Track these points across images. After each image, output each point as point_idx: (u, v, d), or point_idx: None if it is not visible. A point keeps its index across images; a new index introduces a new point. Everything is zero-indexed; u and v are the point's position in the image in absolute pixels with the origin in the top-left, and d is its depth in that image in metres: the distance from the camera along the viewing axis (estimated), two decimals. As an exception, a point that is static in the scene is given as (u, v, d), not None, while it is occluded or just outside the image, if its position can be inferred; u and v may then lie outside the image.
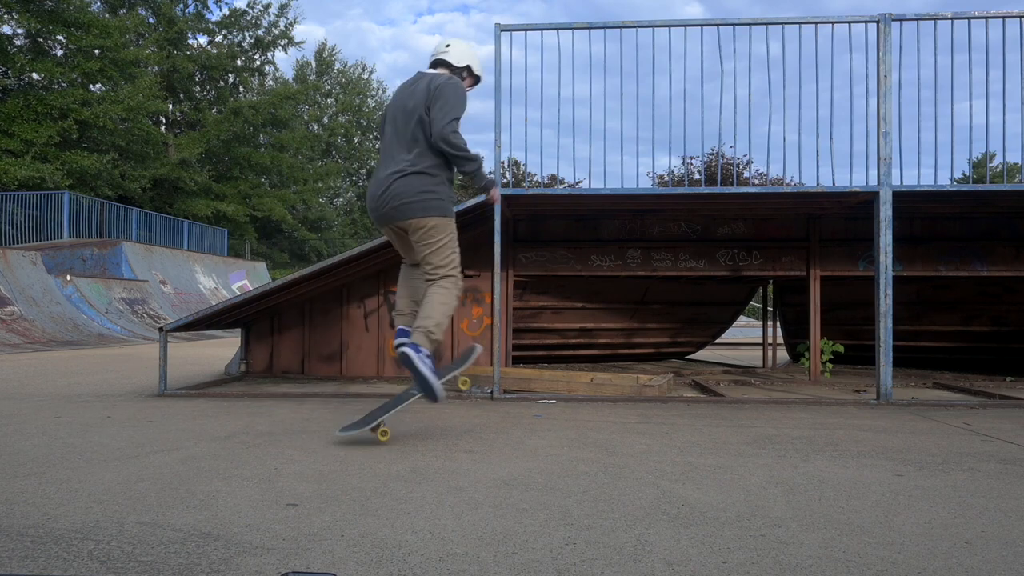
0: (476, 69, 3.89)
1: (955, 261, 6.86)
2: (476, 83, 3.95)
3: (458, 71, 3.82)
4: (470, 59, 3.84)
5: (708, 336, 10.22)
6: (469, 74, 3.87)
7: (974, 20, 5.26)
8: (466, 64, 3.83)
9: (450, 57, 3.81)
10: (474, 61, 3.87)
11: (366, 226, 38.18)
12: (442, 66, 3.83)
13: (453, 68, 3.81)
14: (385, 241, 6.05)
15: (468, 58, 3.83)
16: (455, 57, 3.81)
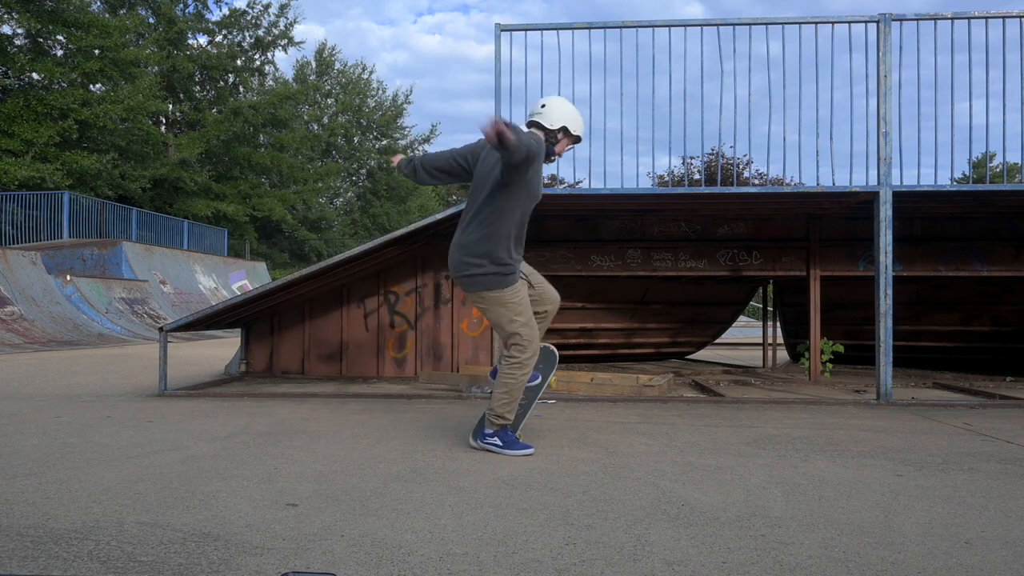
0: (574, 129, 3.55)
1: (955, 261, 6.86)
2: (575, 143, 3.63)
3: (552, 133, 3.51)
4: (565, 119, 3.52)
5: (708, 336, 10.22)
6: (565, 135, 3.54)
7: (974, 20, 5.26)
8: (561, 125, 3.51)
9: (543, 119, 3.51)
10: (571, 120, 3.54)
11: (366, 226, 38.16)
12: (534, 127, 3.53)
13: (547, 130, 3.51)
14: (385, 241, 6.06)
15: (563, 118, 3.51)
16: (548, 118, 3.51)
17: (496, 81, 5.49)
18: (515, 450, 3.41)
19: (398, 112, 40.48)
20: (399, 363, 7.06)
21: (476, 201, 3.47)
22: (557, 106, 3.54)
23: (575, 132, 3.57)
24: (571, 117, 3.54)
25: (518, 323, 3.44)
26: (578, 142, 3.65)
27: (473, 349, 7.01)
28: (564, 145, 3.59)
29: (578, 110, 3.59)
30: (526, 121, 3.60)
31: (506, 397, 3.44)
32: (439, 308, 7.04)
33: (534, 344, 3.48)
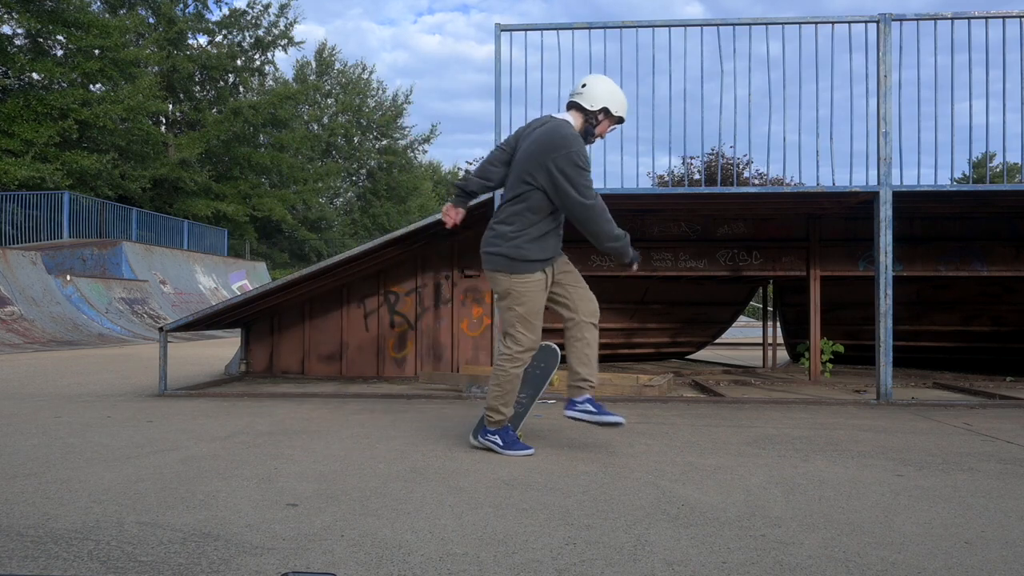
0: (616, 109, 3.41)
1: (955, 261, 6.86)
2: (618, 123, 3.51)
3: (592, 114, 3.39)
4: (606, 99, 3.38)
5: (708, 336, 10.22)
6: (607, 116, 3.41)
7: (974, 20, 5.26)
8: (602, 106, 3.38)
9: (583, 99, 3.38)
10: (612, 100, 3.39)
11: (366, 226, 38.16)
12: (574, 108, 3.41)
13: (587, 111, 3.39)
14: (385, 241, 6.06)
15: (604, 98, 3.38)
16: (588, 98, 3.37)
17: (496, 81, 5.49)
18: (515, 450, 3.39)
19: (398, 112, 40.48)
20: (399, 363, 7.06)
21: (511, 188, 3.42)
22: (598, 86, 3.40)
23: (617, 113, 3.43)
24: (613, 97, 3.40)
25: (515, 314, 3.37)
26: (621, 123, 3.52)
27: (473, 349, 7.01)
28: (605, 127, 3.45)
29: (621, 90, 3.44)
30: (567, 102, 3.49)
31: (497, 390, 3.40)
32: (439, 308, 7.04)
33: (528, 341, 3.39)
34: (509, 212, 3.35)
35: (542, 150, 3.28)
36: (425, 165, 46.10)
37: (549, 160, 3.25)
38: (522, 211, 3.32)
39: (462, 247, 7.02)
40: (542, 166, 3.26)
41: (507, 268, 3.34)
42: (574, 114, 3.42)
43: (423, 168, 45.03)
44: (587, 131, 3.43)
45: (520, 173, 3.35)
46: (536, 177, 3.28)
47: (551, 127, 3.34)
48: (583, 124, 3.41)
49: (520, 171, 3.36)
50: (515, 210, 3.34)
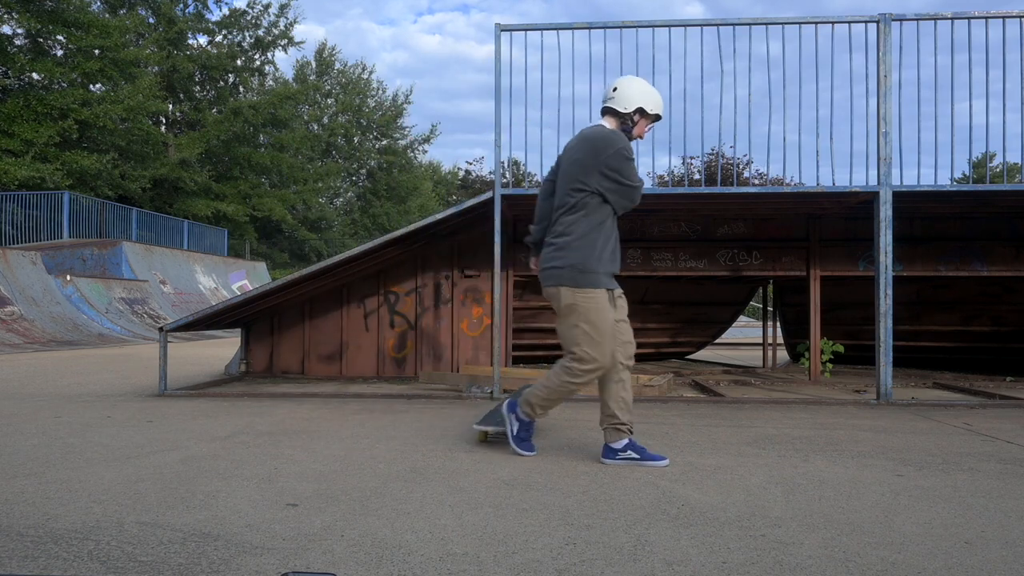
0: (651, 108, 3.35)
1: (955, 261, 6.86)
2: (654, 122, 3.44)
3: (627, 116, 3.35)
4: (640, 99, 3.33)
5: (708, 336, 10.22)
6: (642, 115, 3.35)
7: (974, 20, 5.26)
8: (637, 106, 3.33)
9: (615, 103, 3.35)
10: (646, 100, 3.34)
11: (366, 226, 38.16)
12: (608, 114, 3.39)
13: (621, 114, 3.35)
14: (385, 241, 6.06)
15: (637, 99, 3.33)
16: (621, 101, 3.34)
17: (496, 81, 5.49)
18: (520, 447, 3.37)
19: (398, 112, 40.49)
20: (399, 363, 7.06)
21: (561, 200, 3.36)
22: (630, 87, 3.35)
23: (653, 111, 3.37)
24: (646, 96, 3.35)
25: (581, 331, 3.19)
26: (658, 120, 3.44)
27: (473, 349, 7.01)
28: (643, 126, 3.40)
29: (653, 87, 3.39)
30: (600, 109, 3.45)
31: (544, 395, 3.30)
32: (439, 308, 7.04)
33: (593, 361, 3.18)
34: (565, 224, 3.28)
35: (590, 155, 3.25)
36: (425, 165, 46.11)
37: (601, 164, 3.23)
38: (578, 219, 3.26)
39: (462, 247, 7.02)
40: (594, 171, 3.24)
41: (571, 281, 3.22)
42: (608, 119, 3.38)
43: (423, 168, 45.03)
44: (624, 133, 3.38)
45: (569, 182, 3.31)
46: (588, 183, 3.24)
47: (590, 133, 3.33)
48: (619, 128, 3.38)
49: (569, 180, 3.32)
50: (571, 219, 3.27)
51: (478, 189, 28.57)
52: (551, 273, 3.28)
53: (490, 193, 5.64)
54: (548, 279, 3.30)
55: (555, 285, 3.26)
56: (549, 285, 3.30)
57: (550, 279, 3.29)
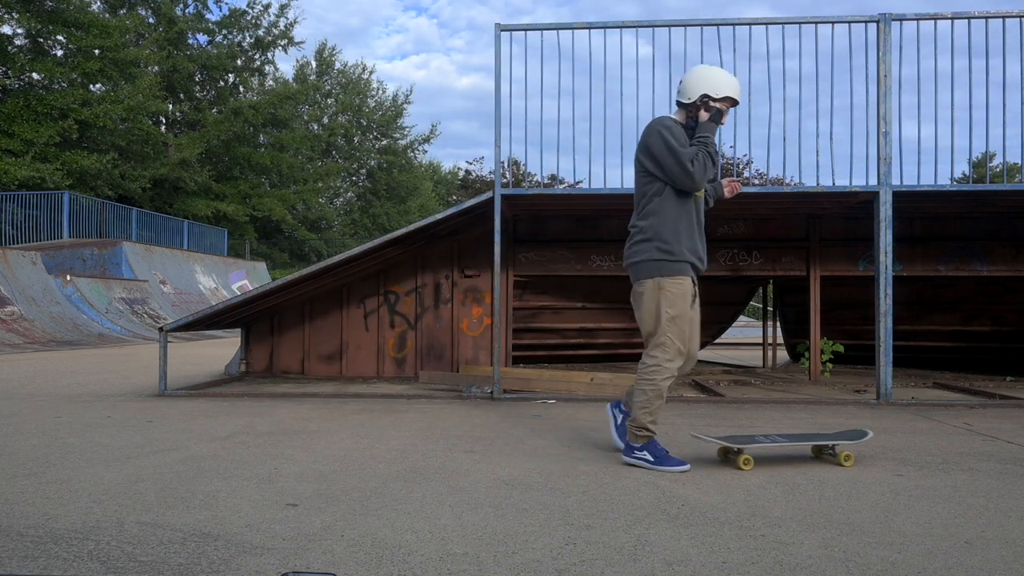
0: (717, 92, 3.25)
1: (955, 261, 6.86)
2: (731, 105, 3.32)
3: (691, 106, 3.30)
4: (703, 86, 3.26)
5: (708, 336, 10.21)
6: (710, 101, 3.27)
7: (974, 20, 5.26)
8: (701, 94, 3.26)
9: (680, 95, 3.33)
10: (709, 86, 3.25)
11: (366, 226, 38.15)
12: (678, 108, 3.38)
13: (687, 105, 3.32)
14: (385, 241, 6.06)
15: (700, 86, 3.27)
16: (685, 93, 3.30)
17: (496, 81, 5.48)
18: (669, 466, 3.10)
19: (398, 112, 40.49)
20: (399, 363, 7.06)
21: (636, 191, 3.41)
22: (691, 76, 3.32)
23: (720, 95, 3.25)
24: (708, 81, 3.27)
25: (668, 316, 3.17)
26: (733, 104, 3.32)
27: (473, 349, 7.01)
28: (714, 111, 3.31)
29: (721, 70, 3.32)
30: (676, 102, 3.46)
31: (647, 406, 3.16)
32: (439, 308, 7.04)
33: (677, 349, 3.18)
34: (644, 211, 3.32)
35: (642, 138, 3.35)
36: (425, 165, 46.11)
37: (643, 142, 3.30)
38: (653, 208, 3.29)
39: (462, 247, 7.02)
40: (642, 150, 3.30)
41: (658, 271, 3.22)
42: (678, 113, 3.40)
43: (423, 168, 45.03)
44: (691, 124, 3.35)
45: (637, 175, 3.39)
46: (644, 163, 3.29)
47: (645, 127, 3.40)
48: (685, 119, 3.37)
49: (636, 173, 3.40)
50: (648, 208, 3.31)
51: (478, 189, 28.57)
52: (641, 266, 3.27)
53: (490, 193, 5.64)
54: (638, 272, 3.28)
55: (645, 277, 3.25)
56: (641, 277, 3.28)
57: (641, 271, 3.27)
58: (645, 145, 3.30)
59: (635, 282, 3.31)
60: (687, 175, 3.20)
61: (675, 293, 3.20)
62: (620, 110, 5.47)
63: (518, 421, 4.42)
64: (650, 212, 3.29)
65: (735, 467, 3.14)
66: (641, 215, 3.34)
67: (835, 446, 3.31)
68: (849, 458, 3.22)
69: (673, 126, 3.27)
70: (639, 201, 3.37)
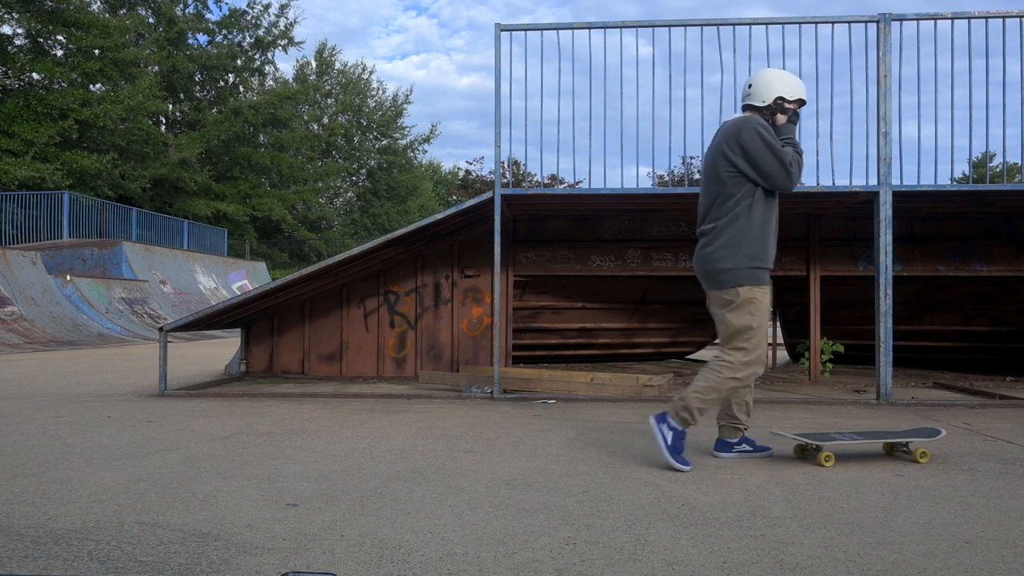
0: (791, 94, 3.30)
1: (955, 261, 6.86)
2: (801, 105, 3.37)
3: (767, 109, 3.32)
4: (778, 88, 3.30)
5: (708, 336, 10.21)
6: (784, 103, 3.31)
7: (974, 20, 5.26)
8: (776, 96, 3.30)
9: (753, 99, 3.34)
10: (784, 88, 3.30)
11: (366, 226, 38.15)
12: (749, 110, 3.36)
13: (760, 109, 3.33)
14: (385, 241, 6.06)
15: (775, 88, 3.30)
16: (759, 95, 3.32)
17: (496, 81, 5.48)
18: (675, 460, 3.10)
19: (398, 112, 40.48)
20: (399, 363, 7.06)
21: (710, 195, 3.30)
22: (765, 78, 3.33)
23: (794, 96, 3.31)
24: (783, 84, 3.31)
25: (752, 320, 3.19)
26: (803, 104, 3.36)
27: (473, 349, 7.01)
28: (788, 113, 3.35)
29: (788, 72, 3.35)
30: (741, 106, 3.42)
31: (704, 395, 3.15)
32: (439, 308, 7.04)
33: (757, 354, 3.19)
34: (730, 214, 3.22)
35: (726, 140, 3.24)
36: (425, 165, 46.11)
37: (735, 141, 3.21)
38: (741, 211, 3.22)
39: (462, 247, 7.02)
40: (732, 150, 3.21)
41: (749, 279, 3.19)
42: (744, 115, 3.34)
43: (423, 168, 45.02)
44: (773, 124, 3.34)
45: (712, 176, 3.29)
46: (735, 163, 3.21)
47: (723, 127, 3.34)
48: None
49: (712, 174, 3.29)
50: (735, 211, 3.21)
51: (478, 189, 28.57)
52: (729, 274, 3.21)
53: (490, 193, 5.64)
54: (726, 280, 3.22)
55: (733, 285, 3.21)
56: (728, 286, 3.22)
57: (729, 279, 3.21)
58: (738, 144, 3.20)
59: (720, 288, 3.25)
60: (788, 176, 3.19)
61: (763, 303, 3.22)
62: (620, 110, 5.47)
63: (518, 421, 4.42)
64: (737, 216, 3.21)
65: (816, 463, 3.21)
66: (725, 218, 3.23)
67: (909, 443, 3.37)
68: (925, 455, 3.27)
69: (767, 126, 3.23)
70: (718, 202, 3.27)
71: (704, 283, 3.38)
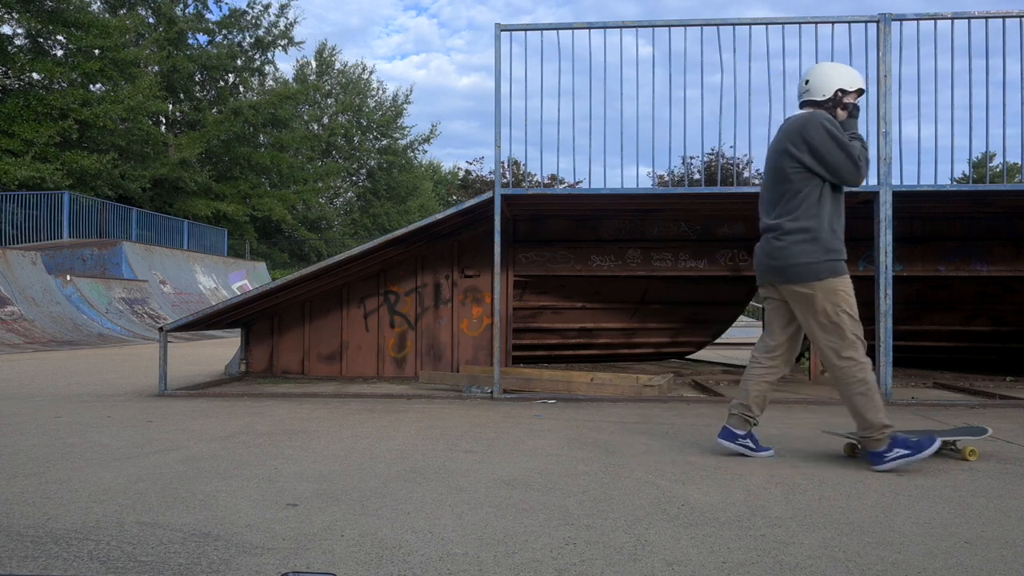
0: (850, 85, 3.30)
1: (955, 261, 6.86)
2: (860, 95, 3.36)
3: (828, 103, 3.31)
4: (837, 81, 3.30)
5: (708, 336, 10.22)
6: (843, 95, 3.30)
7: (974, 20, 5.26)
8: (835, 89, 3.29)
9: (812, 94, 3.33)
10: (843, 80, 3.30)
11: (366, 226, 38.15)
12: (809, 107, 3.35)
13: (821, 103, 3.32)
14: (385, 241, 6.06)
15: (834, 81, 3.30)
16: (818, 90, 3.31)
17: (496, 81, 5.49)
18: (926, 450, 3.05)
19: (398, 112, 40.48)
20: (399, 363, 7.06)
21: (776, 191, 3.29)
22: (823, 72, 3.33)
23: (853, 87, 3.31)
24: (842, 76, 3.31)
25: (848, 315, 3.17)
26: (862, 94, 3.37)
27: (473, 349, 7.01)
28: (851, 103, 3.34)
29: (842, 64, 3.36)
30: (799, 103, 3.41)
31: (873, 404, 3.11)
32: (439, 308, 7.04)
33: (863, 342, 3.17)
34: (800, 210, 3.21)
35: (790, 137, 3.23)
36: (425, 165, 46.11)
37: (800, 137, 3.20)
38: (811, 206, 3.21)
39: (462, 247, 7.02)
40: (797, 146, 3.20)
41: (829, 272, 3.18)
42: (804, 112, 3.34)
43: (423, 168, 45.03)
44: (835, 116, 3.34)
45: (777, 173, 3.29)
46: (801, 159, 3.20)
47: (786, 124, 3.33)
48: None
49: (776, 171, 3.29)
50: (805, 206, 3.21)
51: (478, 189, 28.58)
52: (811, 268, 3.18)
53: (490, 193, 5.64)
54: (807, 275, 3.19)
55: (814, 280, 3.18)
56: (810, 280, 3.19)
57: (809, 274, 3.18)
58: (804, 139, 3.20)
59: (797, 282, 3.21)
60: (857, 170, 3.19)
61: (848, 292, 3.20)
62: (620, 110, 5.48)
63: (518, 421, 4.42)
64: (808, 211, 3.20)
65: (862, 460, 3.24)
66: (795, 213, 3.22)
67: (956, 442, 3.38)
68: (974, 453, 3.30)
69: (834, 120, 3.23)
70: (785, 198, 3.26)
71: (772, 277, 3.32)
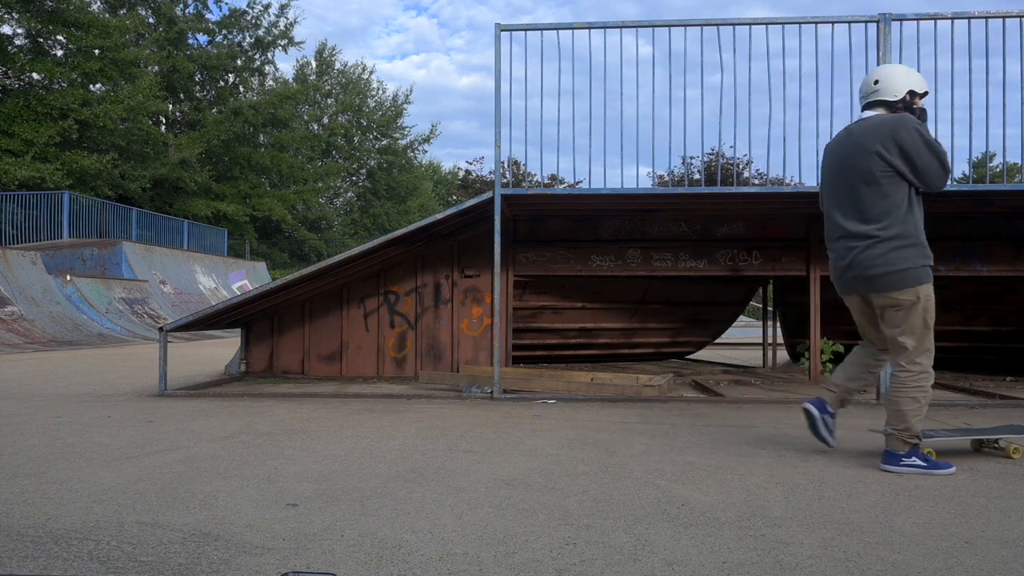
0: (920, 87, 3.28)
1: (955, 261, 6.86)
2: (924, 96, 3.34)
3: (899, 103, 3.27)
4: (908, 82, 3.27)
5: (708, 336, 10.22)
6: (913, 96, 3.28)
7: (974, 20, 5.26)
8: (907, 90, 3.26)
9: (883, 95, 3.28)
10: (913, 81, 3.28)
11: (366, 226, 38.14)
12: (877, 107, 3.31)
13: (892, 103, 3.27)
14: (385, 241, 6.06)
15: (906, 82, 3.27)
16: (890, 91, 3.27)
17: (496, 81, 5.48)
18: (940, 470, 3.08)
19: (398, 112, 40.48)
20: (399, 363, 7.06)
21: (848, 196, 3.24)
22: (893, 74, 3.29)
23: (922, 89, 3.30)
24: (911, 77, 3.29)
25: (925, 324, 3.13)
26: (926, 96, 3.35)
27: (473, 349, 7.01)
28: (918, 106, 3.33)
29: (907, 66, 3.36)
30: (863, 104, 3.38)
31: (919, 413, 3.09)
32: (439, 308, 7.04)
33: (932, 352, 3.16)
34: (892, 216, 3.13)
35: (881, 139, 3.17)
36: (425, 165, 46.11)
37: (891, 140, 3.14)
38: (904, 211, 3.14)
39: (462, 247, 7.02)
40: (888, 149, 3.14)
41: (927, 277, 3.13)
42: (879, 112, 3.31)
43: (423, 168, 45.03)
44: None
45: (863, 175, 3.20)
46: (892, 162, 3.13)
47: (868, 123, 3.26)
48: None
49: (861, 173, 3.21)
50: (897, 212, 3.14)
51: (478, 189, 28.57)
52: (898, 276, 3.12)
53: (490, 193, 5.64)
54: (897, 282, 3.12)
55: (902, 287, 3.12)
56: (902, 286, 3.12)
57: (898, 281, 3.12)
58: (896, 142, 3.13)
59: (895, 289, 3.13)
60: (944, 176, 3.16)
61: (931, 297, 3.15)
62: (620, 110, 5.47)
63: (518, 421, 4.42)
64: (901, 216, 3.13)
65: None
66: (887, 220, 3.14)
67: (999, 440, 3.41)
68: (1017, 451, 3.32)
69: (924, 124, 3.20)
70: (870, 203, 3.18)
71: (861, 288, 3.24)
